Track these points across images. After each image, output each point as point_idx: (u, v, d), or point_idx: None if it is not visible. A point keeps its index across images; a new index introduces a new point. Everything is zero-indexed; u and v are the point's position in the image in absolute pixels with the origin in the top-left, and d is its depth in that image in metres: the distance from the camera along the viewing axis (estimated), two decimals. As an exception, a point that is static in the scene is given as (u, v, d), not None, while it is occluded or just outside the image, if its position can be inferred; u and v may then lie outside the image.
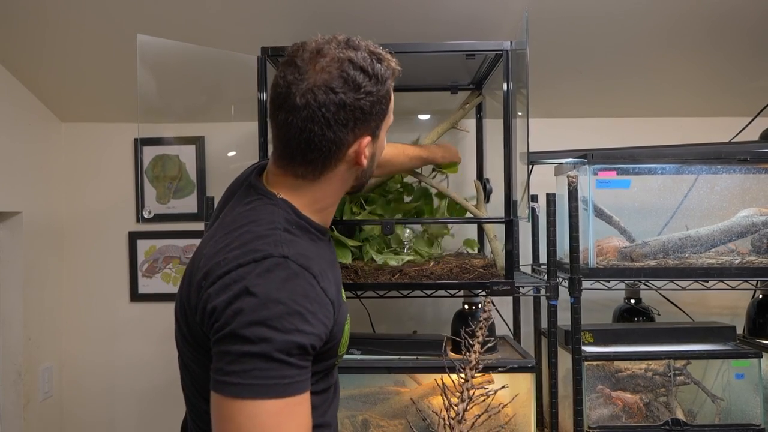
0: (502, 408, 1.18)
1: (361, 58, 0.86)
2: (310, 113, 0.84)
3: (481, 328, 1.17)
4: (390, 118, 0.96)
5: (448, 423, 1.13)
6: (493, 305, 1.20)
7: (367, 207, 1.53)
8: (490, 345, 1.18)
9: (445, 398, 1.15)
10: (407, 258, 1.48)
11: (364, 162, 0.91)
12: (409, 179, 1.63)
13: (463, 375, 1.16)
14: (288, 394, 0.75)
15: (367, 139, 0.89)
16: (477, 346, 1.16)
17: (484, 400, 1.14)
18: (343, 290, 1.01)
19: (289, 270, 0.79)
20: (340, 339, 0.91)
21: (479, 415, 1.14)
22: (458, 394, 1.15)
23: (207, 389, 0.79)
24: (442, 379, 1.18)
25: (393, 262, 1.45)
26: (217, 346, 0.77)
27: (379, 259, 1.45)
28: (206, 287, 0.80)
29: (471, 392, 1.13)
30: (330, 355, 0.91)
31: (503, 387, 1.20)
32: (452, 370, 1.45)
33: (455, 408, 1.13)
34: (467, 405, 1.12)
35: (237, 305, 0.76)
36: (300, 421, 0.76)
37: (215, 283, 0.79)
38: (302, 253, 0.82)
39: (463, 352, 1.19)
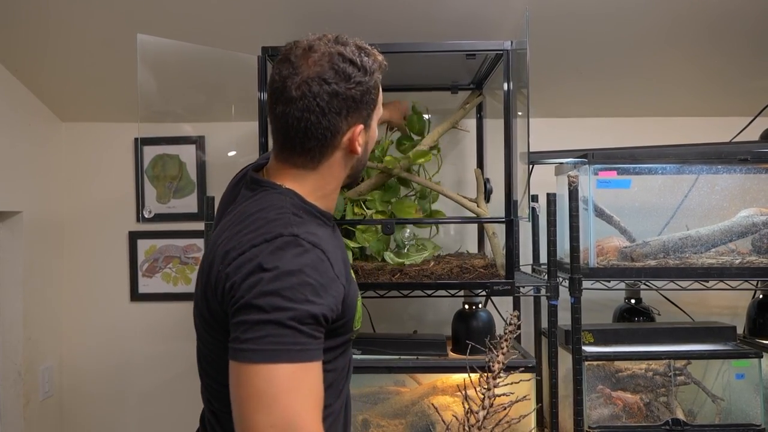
0: (522, 418, 1.19)
1: (349, 51, 0.94)
2: (306, 103, 0.91)
3: (506, 340, 1.18)
4: (380, 110, 1.03)
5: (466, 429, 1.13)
6: (518, 320, 1.20)
7: (367, 207, 1.53)
8: (513, 357, 1.19)
9: (466, 403, 1.15)
10: (424, 255, 1.48)
11: (359, 149, 0.98)
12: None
13: (484, 383, 1.16)
14: (300, 360, 0.80)
15: (359, 127, 0.96)
16: (501, 357, 1.16)
17: (504, 409, 1.15)
18: (351, 270, 1.07)
19: (300, 247, 0.85)
20: (353, 315, 0.97)
21: (499, 422, 1.15)
22: (478, 401, 1.15)
23: (227, 372, 0.84)
24: (464, 386, 1.18)
25: (408, 261, 1.46)
26: (234, 318, 0.83)
27: (393, 260, 1.45)
28: (224, 269, 0.86)
29: (491, 401, 1.14)
30: (346, 329, 0.96)
31: (525, 398, 1.19)
32: (451, 370, 1.45)
33: (476, 415, 1.13)
34: (487, 413, 1.13)
35: (252, 279, 0.82)
36: (311, 386, 0.81)
37: (232, 263, 0.85)
38: (311, 232, 0.89)
39: (487, 361, 1.18)
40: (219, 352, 0.91)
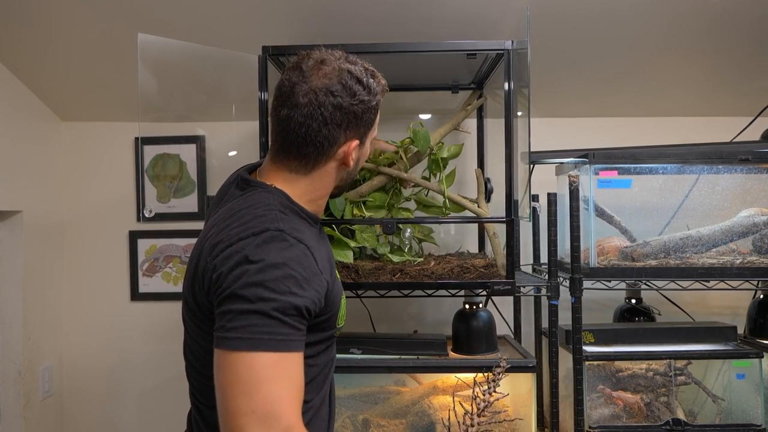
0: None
1: (358, 71, 1.00)
2: (310, 111, 0.96)
3: (495, 380, 1.23)
4: (375, 131, 1.08)
5: None
6: (507, 363, 1.26)
7: (366, 210, 1.53)
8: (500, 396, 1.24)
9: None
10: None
11: (351, 163, 1.03)
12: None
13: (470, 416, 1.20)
14: (281, 350, 0.83)
15: (355, 142, 1.01)
16: (489, 397, 1.20)
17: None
18: (336, 271, 1.10)
19: (285, 241, 0.88)
20: (337, 311, 1.01)
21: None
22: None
23: (211, 364, 0.86)
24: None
25: (410, 259, 1.46)
26: (220, 307, 0.86)
27: (397, 258, 1.45)
28: (212, 260, 0.90)
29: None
30: (329, 325, 1.00)
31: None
32: (452, 370, 1.46)
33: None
34: None
35: (238, 271, 0.85)
36: (292, 376, 0.84)
37: (219, 255, 0.89)
38: (296, 228, 0.92)
39: (471, 409, 1.21)
40: (204, 343, 0.94)
